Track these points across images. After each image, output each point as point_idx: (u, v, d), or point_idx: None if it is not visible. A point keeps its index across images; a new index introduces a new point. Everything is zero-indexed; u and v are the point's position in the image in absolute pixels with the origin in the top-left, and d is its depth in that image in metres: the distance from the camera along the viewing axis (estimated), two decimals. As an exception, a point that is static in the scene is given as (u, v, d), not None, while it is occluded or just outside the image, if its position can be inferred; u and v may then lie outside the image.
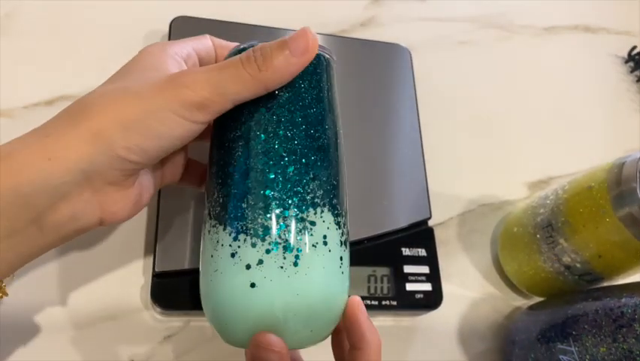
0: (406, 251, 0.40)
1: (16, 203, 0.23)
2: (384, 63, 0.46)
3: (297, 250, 0.25)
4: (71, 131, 0.24)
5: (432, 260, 0.40)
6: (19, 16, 0.41)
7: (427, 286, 0.39)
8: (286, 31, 0.44)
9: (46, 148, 0.24)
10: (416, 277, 0.39)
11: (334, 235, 0.26)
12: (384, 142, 0.43)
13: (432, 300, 0.39)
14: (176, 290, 0.34)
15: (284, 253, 0.25)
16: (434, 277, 0.40)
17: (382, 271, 0.39)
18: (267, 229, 0.25)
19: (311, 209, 0.26)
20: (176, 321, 0.35)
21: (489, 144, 0.50)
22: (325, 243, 0.26)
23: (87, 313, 0.34)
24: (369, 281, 0.38)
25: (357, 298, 0.27)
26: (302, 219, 0.26)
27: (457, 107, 0.51)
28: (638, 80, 0.59)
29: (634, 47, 0.59)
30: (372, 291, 0.38)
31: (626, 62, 0.60)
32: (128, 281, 0.35)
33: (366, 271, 0.38)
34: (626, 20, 0.63)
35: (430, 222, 0.42)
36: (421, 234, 0.41)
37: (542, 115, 0.54)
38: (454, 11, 0.56)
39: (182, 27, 0.40)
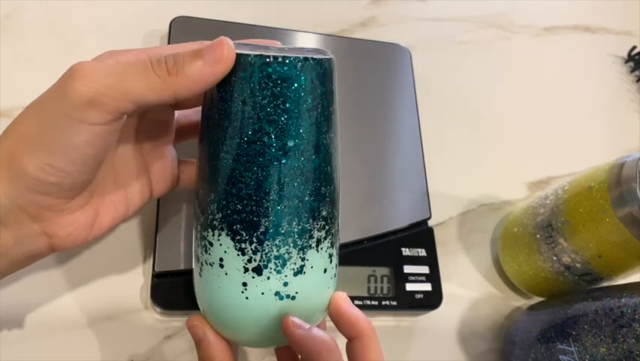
0: (405, 251, 0.40)
1: None
2: (384, 63, 0.46)
3: (201, 263, 0.27)
4: None
5: (432, 260, 0.40)
6: (19, 16, 0.41)
7: (427, 287, 0.39)
8: (286, 32, 0.44)
9: None
10: (416, 278, 0.39)
11: (233, 261, 0.25)
12: (384, 142, 0.43)
13: (432, 300, 0.39)
14: (176, 290, 0.34)
15: (196, 262, 0.28)
16: (434, 277, 0.40)
17: (382, 271, 0.39)
18: (194, 240, 0.28)
19: (209, 230, 0.26)
20: (176, 321, 0.35)
21: (489, 144, 0.50)
22: (221, 265, 0.26)
23: (87, 313, 0.34)
24: (369, 281, 0.38)
25: (340, 294, 0.28)
26: (203, 237, 0.27)
27: (457, 107, 0.51)
28: (638, 80, 0.59)
29: (634, 47, 0.59)
30: (372, 291, 0.38)
31: (626, 62, 0.60)
32: (128, 281, 0.35)
33: (366, 271, 0.38)
34: (626, 20, 0.63)
35: (430, 223, 0.42)
36: (421, 234, 0.41)
37: (542, 115, 0.54)
38: (454, 11, 0.56)
39: (182, 27, 0.40)
